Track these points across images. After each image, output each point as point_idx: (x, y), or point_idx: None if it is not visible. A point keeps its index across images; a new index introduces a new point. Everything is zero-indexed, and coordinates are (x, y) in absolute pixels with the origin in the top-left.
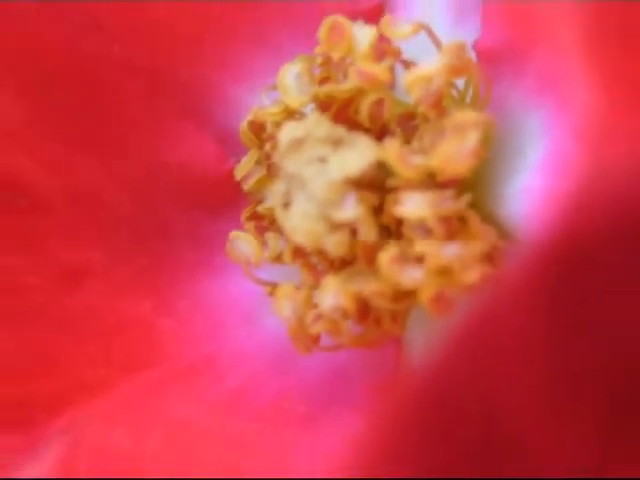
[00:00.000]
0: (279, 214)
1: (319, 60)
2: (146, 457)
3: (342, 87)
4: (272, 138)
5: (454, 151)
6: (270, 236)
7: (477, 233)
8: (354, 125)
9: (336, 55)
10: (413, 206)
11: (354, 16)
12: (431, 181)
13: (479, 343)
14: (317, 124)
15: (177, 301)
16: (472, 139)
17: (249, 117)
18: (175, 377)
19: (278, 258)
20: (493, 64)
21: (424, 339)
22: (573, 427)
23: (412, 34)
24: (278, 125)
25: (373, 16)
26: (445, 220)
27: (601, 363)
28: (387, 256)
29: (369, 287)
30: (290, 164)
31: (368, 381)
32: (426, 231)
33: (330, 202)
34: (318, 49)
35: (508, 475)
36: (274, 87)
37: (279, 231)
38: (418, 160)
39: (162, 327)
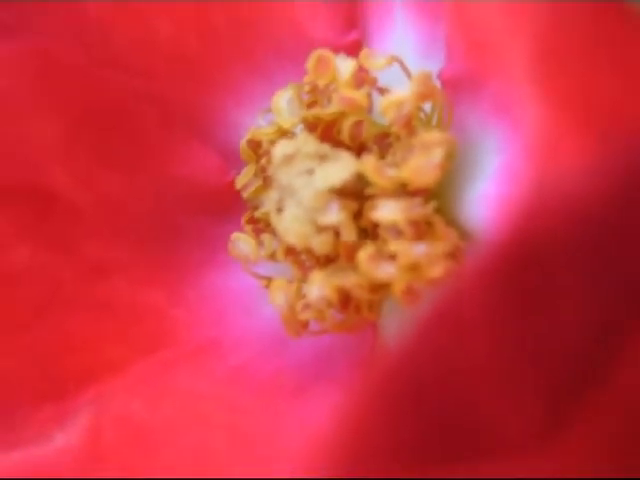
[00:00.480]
0: (273, 218)
1: (307, 87)
2: (160, 423)
3: (327, 110)
4: (267, 154)
5: (422, 165)
6: (265, 237)
7: (441, 235)
8: (337, 143)
9: (322, 83)
10: (387, 212)
11: (337, 50)
12: (402, 190)
13: (442, 326)
14: (305, 142)
15: (186, 292)
16: (437, 155)
17: (247, 136)
18: (185, 357)
19: (272, 256)
20: (455, 91)
21: (396, 324)
22: (518, 397)
23: (386, 65)
24: (272, 143)
25: (353, 50)
26: (414, 224)
27: (541, 344)
28: (365, 254)
29: (349, 281)
30: (282, 176)
31: (349, 360)
32: (398, 233)
33: (316, 208)
34: (306, 78)
35: (466, 439)
36: (269, 110)
37: (273, 233)
38: (391, 172)
39: (173, 314)
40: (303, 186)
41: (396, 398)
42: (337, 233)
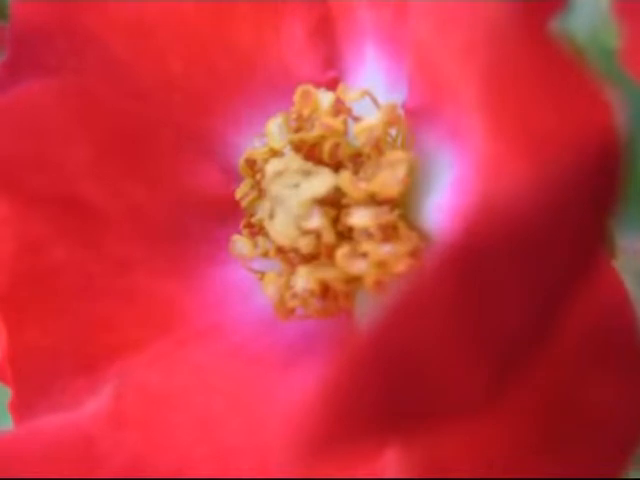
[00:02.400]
0: (266, 224)
1: (294, 115)
2: (173, 391)
3: (310, 134)
4: (261, 170)
5: (388, 179)
6: (260, 239)
7: (405, 237)
8: (319, 161)
9: (306, 112)
10: (360, 218)
11: (319, 85)
12: (372, 200)
13: (405, 310)
14: (293, 160)
15: (194, 283)
16: (401, 171)
17: (245, 156)
18: (193, 336)
19: (265, 254)
20: (416, 118)
21: (367, 310)
22: (467, 367)
23: (359, 97)
24: (265, 161)
25: (332, 85)
26: (382, 228)
27: (487, 323)
28: (342, 253)
29: (329, 275)
30: (274, 188)
31: (329, 339)
32: (369, 235)
33: (301, 215)
34: (293, 108)
35: (422, 400)
36: (263, 134)
37: (266, 235)
38: (363, 185)
39: (184, 301)
40: (290, 197)
41: (367, 367)
42: (319, 236)
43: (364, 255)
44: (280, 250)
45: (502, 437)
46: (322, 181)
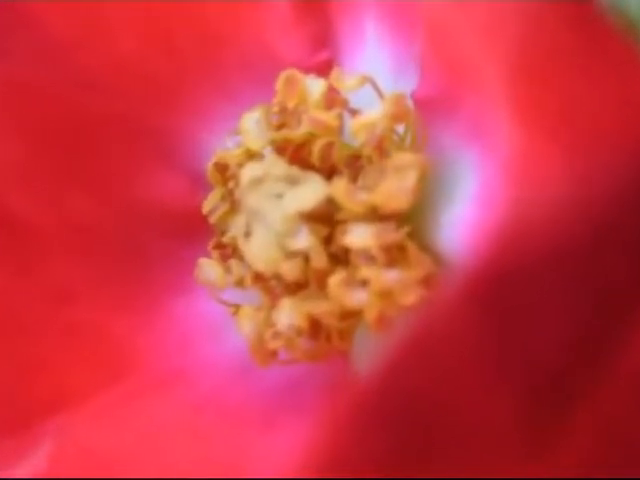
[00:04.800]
0: (241, 244)
1: (276, 109)
2: (124, 454)
3: (296, 132)
4: (235, 177)
5: (394, 188)
6: (233, 263)
7: (415, 261)
8: (307, 165)
9: (291, 104)
10: (358, 237)
11: (307, 70)
12: (374, 214)
13: (417, 355)
14: (274, 165)
15: (151, 319)
16: (410, 178)
17: (214, 159)
18: (149, 386)
19: (240, 282)
20: (429, 111)
21: (368, 353)
22: (498, 416)
23: (358, 86)
24: (240, 165)
25: (324, 70)
26: (386, 249)
27: (520, 366)
28: (336, 280)
29: (320, 308)
30: (251, 199)
31: (319, 390)
32: (370, 258)
33: (285, 233)
34: (275, 99)
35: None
36: (236, 132)
37: (241, 259)
38: (363, 196)
39: (138, 342)
40: (272, 210)
41: (371, 423)
42: (307, 259)
43: (364, 283)
44: (258, 277)
45: None
46: (311, 191)
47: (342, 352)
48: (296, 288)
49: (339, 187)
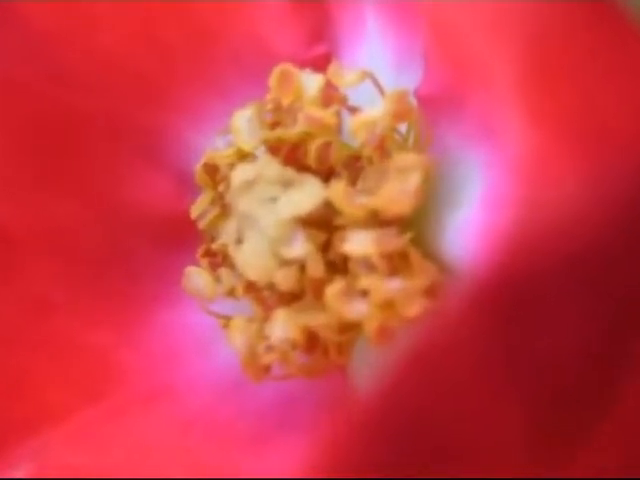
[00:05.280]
0: (231, 251)
1: (269, 106)
2: (107, 473)
3: (291, 131)
4: (225, 179)
5: (397, 192)
6: (223, 272)
7: (418, 269)
8: (303, 167)
9: (285, 101)
10: (358, 244)
11: (303, 64)
12: (375, 219)
13: (423, 363)
14: (267, 166)
15: (136, 331)
16: (413, 180)
17: (204, 159)
18: (134, 402)
19: (231, 292)
20: (434, 109)
21: (368, 368)
22: (506, 425)
23: (357, 81)
24: (231, 167)
25: (321, 64)
26: (388, 256)
27: (530, 375)
28: (334, 290)
29: (317, 320)
30: (242, 203)
31: (315, 407)
32: (370, 267)
33: (279, 240)
34: (269, 95)
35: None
36: (227, 131)
37: (232, 267)
38: (363, 200)
39: (122, 356)
40: (265, 215)
41: (369, 446)
42: (302, 267)
43: (364, 293)
44: (251, 287)
45: None
46: (307, 194)
47: (340, 367)
48: (291, 299)
49: (337, 190)
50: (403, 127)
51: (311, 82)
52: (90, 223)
